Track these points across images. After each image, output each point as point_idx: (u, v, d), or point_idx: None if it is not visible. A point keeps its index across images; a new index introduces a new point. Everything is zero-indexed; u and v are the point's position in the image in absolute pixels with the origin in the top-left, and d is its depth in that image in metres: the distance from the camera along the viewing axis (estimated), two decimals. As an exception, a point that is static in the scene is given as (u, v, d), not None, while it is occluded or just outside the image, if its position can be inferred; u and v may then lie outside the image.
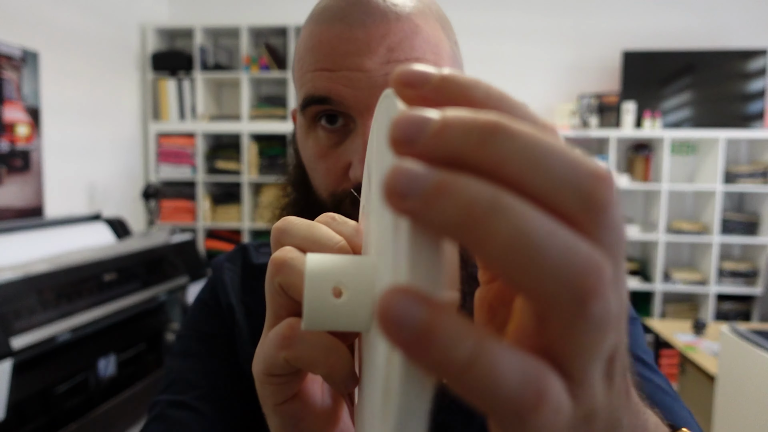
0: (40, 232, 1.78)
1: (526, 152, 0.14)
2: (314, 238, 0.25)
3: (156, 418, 0.47)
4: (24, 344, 1.35)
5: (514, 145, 0.14)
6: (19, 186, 2.14)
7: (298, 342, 0.23)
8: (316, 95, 0.43)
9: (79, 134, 2.51)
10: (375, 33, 0.41)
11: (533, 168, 0.14)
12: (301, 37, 0.46)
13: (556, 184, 0.14)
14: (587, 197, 0.14)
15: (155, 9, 3.20)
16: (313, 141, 0.46)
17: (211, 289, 0.57)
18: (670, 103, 3.03)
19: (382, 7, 0.42)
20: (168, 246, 2.12)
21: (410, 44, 0.42)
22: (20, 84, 2.14)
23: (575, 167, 0.14)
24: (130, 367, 1.90)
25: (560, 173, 0.14)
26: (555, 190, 0.14)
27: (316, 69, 0.43)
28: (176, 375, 0.51)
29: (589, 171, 0.14)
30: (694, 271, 3.09)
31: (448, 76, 0.16)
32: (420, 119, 0.14)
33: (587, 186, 0.14)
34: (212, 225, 3.14)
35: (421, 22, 0.43)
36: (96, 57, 2.63)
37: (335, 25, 0.42)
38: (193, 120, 3.08)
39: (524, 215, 0.13)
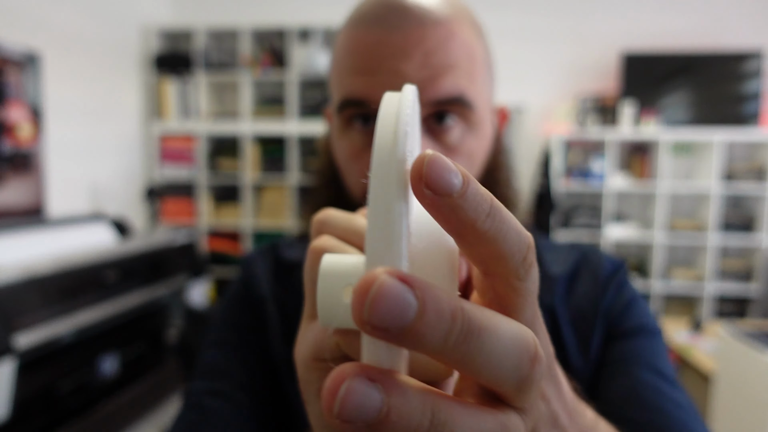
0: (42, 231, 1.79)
1: (488, 355, 0.15)
2: (354, 229, 0.26)
3: (192, 407, 0.48)
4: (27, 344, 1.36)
5: (480, 349, 0.15)
6: (22, 186, 2.16)
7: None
8: (352, 98, 0.44)
9: (81, 134, 2.53)
10: (412, 38, 0.42)
11: (489, 368, 0.16)
12: (338, 40, 0.47)
13: (503, 376, 0.16)
14: (522, 381, 0.17)
15: (157, 10, 3.22)
16: (347, 142, 0.47)
17: (243, 282, 0.58)
18: (667, 103, 3.04)
19: (418, 13, 0.43)
20: (169, 246, 2.13)
21: (445, 49, 0.43)
22: (23, 85, 2.15)
23: (520, 357, 0.16)
24: (131, 366, 1.91)
25: (509, 367, 0.16)
26: (501, 380, 0.16)
27: (354, 72, 0.44)
28: (211, 364, 0.51)
29: (530, 356, 0.17)
30: (692, 271, 3.10)
31: (467, 193, 0.16)
32: (401, 306, 0.14)
33: (525, 373, 0.17)
34: (213, 225, 3.16)
35: (457, 28, 0.44)
36: (98, 58, 2.64)
37: (373, 30, 0.43)
38: (194, 120, 3.10)
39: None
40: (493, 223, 0.16)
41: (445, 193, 0.15)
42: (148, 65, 3.08)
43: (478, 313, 0.15)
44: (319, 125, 2.98)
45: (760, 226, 2.97)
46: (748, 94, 2.97)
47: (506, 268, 0.18)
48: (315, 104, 3.06)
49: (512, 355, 0.16)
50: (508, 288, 0.19)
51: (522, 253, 0.18)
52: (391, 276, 0.14)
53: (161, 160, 3.11)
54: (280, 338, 0.52)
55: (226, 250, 3.17)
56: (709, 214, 2.98)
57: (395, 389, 0.15)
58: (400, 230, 0.16)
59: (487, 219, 0.16)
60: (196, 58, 3.07)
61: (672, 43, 3.10)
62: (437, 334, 0.14)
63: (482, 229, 0.16)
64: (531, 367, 0.17)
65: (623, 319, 0.51)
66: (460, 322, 0.15)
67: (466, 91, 0.44)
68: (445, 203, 0.16)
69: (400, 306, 0.14)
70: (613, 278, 0.54)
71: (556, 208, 3.00)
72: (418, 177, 0.15)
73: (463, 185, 0.16)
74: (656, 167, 3.02)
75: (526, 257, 0.18)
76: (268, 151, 3.11)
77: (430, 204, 0.16)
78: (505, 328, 0.16)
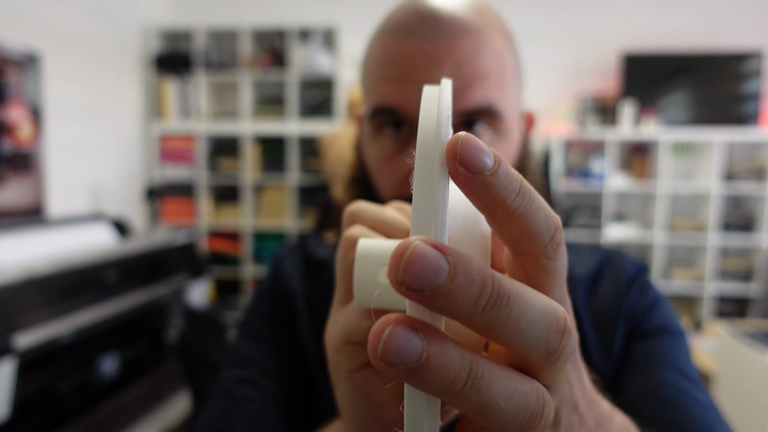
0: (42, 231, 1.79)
1: (517, 321, 0.16)
2: (384, 220, 0.28)
3: (221, 394, 0.49)
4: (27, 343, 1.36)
5: (509, 315, 0.16)
6: (22, 186, 2.16)
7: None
8: (385, 106, 0.45)
9: (81, 134, 2.53)
10: (443, 48, 0.43)
11: (519, 334, 0.16)
12: (371, 49, 0.48)
13: (532, 345, 0.17)
14: (551, 353, 0.17)
15: (157, 10, 3.22)
16: (378, 147, 0.48)
17: (273, 277, 0.59)
18: (667, 103, 3.05)
19: (450, 23, 0.43)
20: (169, 246, 2.13)
21: (476, 59, 0.44)
22: (23, 85, 2.15)
23: (549, 328, 0.17)
24: (131, 366, 1.92)
25: (538, 336, 0.17)
26: (530, 349, 0.17)
27: (386, 81, 0.45)
28: (241, 354, 0.53)
29: (559, 328, 0.17)
30: (692, 271, 3.11)
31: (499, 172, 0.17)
32: (434, 269, 0.15)
33: (554, 344, 0.17)
34: (213, 225, 3.16)
35: (488, 38, 0.45)
36: (98, 58, 2.64)
37: (406, 40, 0.44)
38: (194, 120, 3.10)
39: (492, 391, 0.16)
40: (522, 202, 0.17)
41: (477, 171, 0.16)
42: (148, 65, 3.08)
43: (508, 282, 0.16)
44: (319, 125, 2.98)
45: (760, 226, 2.97)
46: (748, 94, 2.97)
47: (535, 246, 0.18)
48: (315, 104, 3.07)
49: (541, 325, 0.17)
50: (537, 267, 0.19)
51: (550, 231, 0.18)
52: (425, 242, 0.15)
53: (161, 160, 3.11)
54: (309, 331, 0.53)
55: (226, 250, 3.17)
56: (709, 214, 2.98)
57: (435, 339, 0.15)
58: (443, 204, 0.17)
59: (517, 197, 0.17)
60: (196, 58, 3.07)
61: (672, 43, 3.10)
62: (468, 298, 0.15)
63: (512, 207, 0.17)
64: (560, 338, 0.17)
65: (646, 320, 0.51)
66: (490, 288, 0.15)
67: (495, 102, 0.45)
68: (478, 180, 0.16)
69: (433, 268, 0.15)
70: (636, 279, 0.54)
71: (556, 209, 2.99)
72: (452, 155, 0.16)
73: (495, 164, 0.17)
74: (656, 167, 3.02)
75: (554, 236, 0.19)
76: (268, 151, 3.12)
77: (463, 182, 0.17)
78: (534, 298, 0.17)
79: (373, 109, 0.46)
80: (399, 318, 0.15)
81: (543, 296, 0.17)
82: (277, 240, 3.13)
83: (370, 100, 0.48)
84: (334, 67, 3.00)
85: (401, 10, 0.46)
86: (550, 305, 0.17)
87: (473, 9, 0.45)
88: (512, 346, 0.17)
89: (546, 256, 0.19)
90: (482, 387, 0.16)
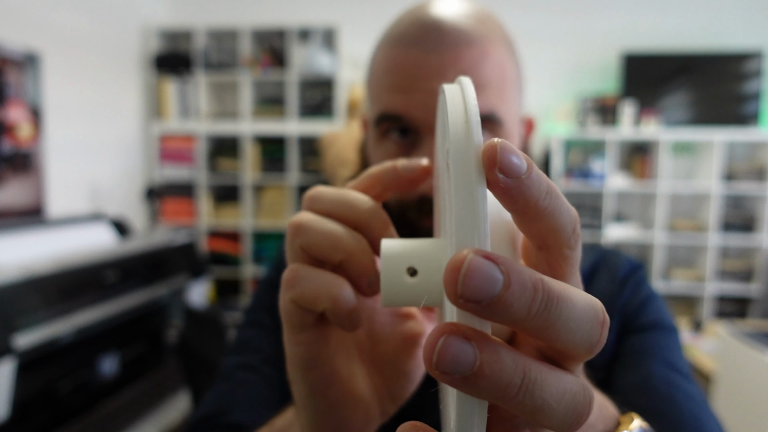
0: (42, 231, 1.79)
1: (566, 321, 0.17)
2: (344, 200, 0.28)
3: (223, 378, 0.52)
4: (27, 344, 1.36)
5: (558, 316, 0.16)
6: (22, 186, 2.16)
7: (299, 281, 0.25)
8: (390, 113, 0.47)
9: (81, 134, 2.53)
10: (447, 58, 0.45)
11: (566, 333, 0.17)
12: (376, 57, 0.50)
13: (578, 340, 0.17)
14: (594, 345, 0.18)
15: (157, 10, 3.22)
16: (383, 151, 0.50)
17: (277, 268, 0.62)
18: (667, 103, 3.04)
19: (454, 34, 0.45)
20: (169, 246, 2.13)
21: (478, 69, 0.45)
22: (23, 85, 2.15)
23: (593, 322, 0.18)
24: (132, 366, 1.91)
25: (584, 331, 0.17)
26: (576, 344, 0.17)
27: (391, 90, 0.47)
28: (243, 341, 0.55)
29: (599, 321, 0.18)
30: (692, 271, 3.10)
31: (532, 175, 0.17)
32: (490, 280, 0.15)
33: (596, 337, 0.18)
34: (213, 225, 3.16)
35: (490, 48, 0.46)
36: (98, 58, 2.64)
37: (411, 50, 0.46)
38: (194, 120, 3.10)
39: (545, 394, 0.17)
40: (551, 201, 0.18)
41: (515, 176, 0.17)
42: (148, 65, 3.08)
43: (555, 284, 0.17)
44: (319, 125, 2.98)
45: (760, 227, 2.97)
46: (748, 94, 2.97)
47: (560, 239, 0.20)
48: (315, 104, 3.06)
49: (587, 320, 0.17)
50: (560, 258, 0.20)
51: (572, 225, 0.20)
52: (478, 254, 0.15)
53: (161, 160, 3.11)
54: None
55: (226, 250, 3.17)
56: (709, 214, 2.98)
57: (488, 346, 0.16)
58: (484, 213, 0.17)
59: (546, 197, 0.18)
60: (196, 58, 3.07)
61: (672, 43, 3.10)
62: (522, 304, 0.16)
63: (542, 206, 0.18)
64: (600, 330, 0.18)
65: (639, 315, 0.52)
66: (542, 292, 0.16)
67: (496, 110, 0.47)
68: (515, 185, 0.17)
69: (489, 280, 0.15)
70: (630, 277, 0.55)
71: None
72: (492, 162, 0.17)
73: (528, 167, 0.17)
74: (656, 167, 3.01)
75: (575, 228, 0.20)
76: (268, 151, 3.11)
77: (502, 187, 0.17)
78: (578, 296, 0.17)
79: (379, 115, 0.48)
80: (451, 327, 0.16)
81: (582, 292, 0.18)
82: (277, 240, 3.13)
83: (376, 106, 0.49)
84: (334, 67, 3.00)
85: (405, 20, 0.48)
86: (591, 300, 0.18)
87: (475, 19, 0.47)
88: (560, 345, 0.17)
89: (569, 246, 0.20)
90: (536, 391, 0.16)
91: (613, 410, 0.32)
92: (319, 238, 0.26)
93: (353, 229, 0.27)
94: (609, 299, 0.53)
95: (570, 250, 0.20)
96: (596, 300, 0.18)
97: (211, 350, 1.64)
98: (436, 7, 0.47)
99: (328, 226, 0.26)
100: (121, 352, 1.85)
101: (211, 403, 0.51)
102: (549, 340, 0.17)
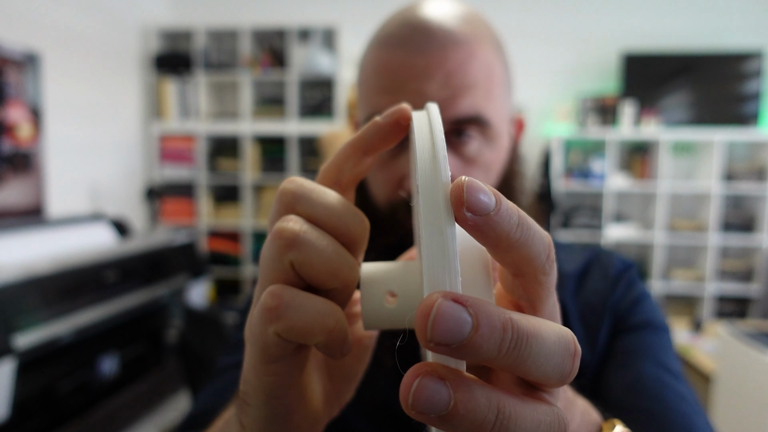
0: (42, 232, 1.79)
1: (537, 356, 0.17)
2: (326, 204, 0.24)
3: (216, 377, 0.53)
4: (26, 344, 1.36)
5: (529, 353, 0.17)
6: (21, 186, 2.16)
7: (287, 310, 0.21)
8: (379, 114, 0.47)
9: (81, 134, 2.53)
10: (433, 60, 0.45)
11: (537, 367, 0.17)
12: (366, 59, 0.50)
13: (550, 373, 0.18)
14: (566, 376, 0.18)
15: (157, 10, 3.22)
16: None
17: None
18: (668, 103, 3.04)
19: (441, 35, 0.45)
20: (169, 246, 2.13)
21: (465, 70, 0.45)
22: (23, 84, 2.15)
23: (564, 354, 0.18)
24: (131, 367, 1.91)
25: (555, 364, 0.18)
26: (548, 376, 0.18)
27: (380, 91, 0.47)
28: (237, 341, 0.55)
29: (571, 353, 0.18)
30: (692, 271, 3.10)
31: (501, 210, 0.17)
32: (459, 323, 0.16)
33: (568, 368, 0.18)
34: (213, 225, 3.16)
35: (477, 48, 0.46)
36: (98, 58, 2.64)
37: (398, 52, 0.46)
38: (194, 120, 3.10)
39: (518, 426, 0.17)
40: (522, 232, 0.18)
41: (483, 213, 0.17)
42: (148, 65, 3.08)
43: (524, 321, 0.17)
44: (319, 125, 2.98)
45: (760, 227, 2.97)
46: (749, 94, 2.97)
47: (534, 267, 0.19)
48: (315, 104, 3.06)
49: (557, 354, 0.17)
50: (536, 284, 0.20)
51: (546, 252, 0.19)
52: (447, 298, 0.16)
53: (161, 160, 3.11)
54: None
55: (226, 250, 3.17)
56: (709, 214, 2.98)
57: (462, 386, 0.16)
58: (454, 251, 0.17)
59: (518, 229, 0.18)
60: (196, 58, 3.07)
61: (672, 43, 3.10)
62: (492, 344, 0.16)
63: (514, 239, 0.18)
64: (572, 362, 0.18)
65: (631, 315, 0.52)
66: (511, 331, 0.16)
67: (483, 110, 0.47)
68: (484, 222, 0.17)
69: (458, 323, 0.15)
70: (623, 276, 0.55)
71: (557, 209, 3.00)
72: (459, 202, 0.17)
73: (496, 203, 0.17)
74: (656, 167, 3.01)
75: (549, 255, 0.20)
76: (268, 151, 3.11)
77: (471, 225, 0.17)
78: (549, 331, 0.17)
79: (368, 117, 0.48)
80: (425, 368, 0.16)
81: (554, 325, 0.18)
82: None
83: (365, 108, 0.50)
84: (334, 67, 3.00)
85: (394, 22, 0.48)
86: (561, 332, 0.18)
87: (462, 20, 0.47)
88: (532, 378, 0.18)
89: (543, 273, 0.20)
90: (510, 425, 0.16)
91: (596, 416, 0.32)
92: (317, 260, 0.22)
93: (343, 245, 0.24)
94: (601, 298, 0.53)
95: (545, 276, 0.20)
96: (567, 331, 0.18)
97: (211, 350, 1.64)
98: (424, 9, 0.47)
99: (328, 248, 0.22)
100: (120, 352, 1.85)
101: (203, 401, 0.51)
102: (521, 374, 0.17)
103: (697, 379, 2.10)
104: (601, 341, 0.51)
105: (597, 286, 0.54)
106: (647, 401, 0.43)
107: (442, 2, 0.49)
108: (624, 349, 0.49)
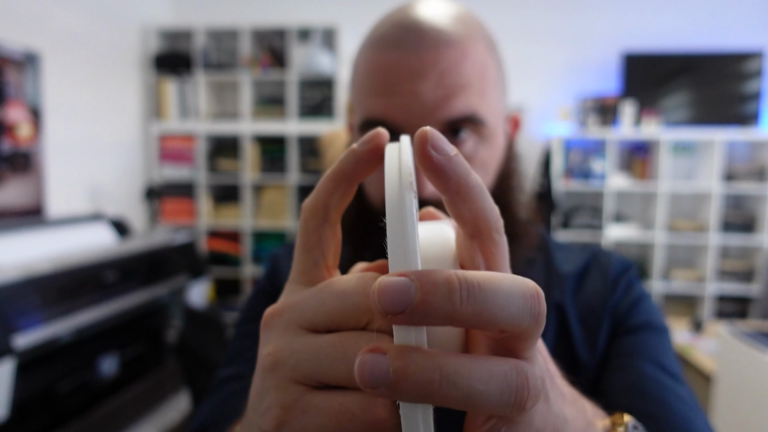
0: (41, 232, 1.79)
1: (495, 299, 0.17)
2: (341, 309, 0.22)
3: (215, 390, 0.53)
4: (26, 344, 1.36)
5: (485, 298, 0.17)
6: (21, 186, 2.16)
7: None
8: (373, 119, 0.47)
9: (80, 134, 2.53)
10: (426, 60, 0.45)
11: (500, 311, 0.17)
12: (358, 60, 0.50)
13: (518, 315, 0.18)
14: (536, 316, 0.18)
15: (157, 10, 3.22)
16: None
17: (268, 277, 0.61)
18: (668, 103, 3.04)
19: (433, 35, 0.45)
20: (169, 246, 2.13)
21: (458, 69, 0.45)
22: (22, 84, 2.15)
23: (525, 294, 0.18)
24: (131, 366, 1.91)
25: (519, 306, 0.18)
26: (517, 320, 0.18)
27: (373, 94, 0.47)
28: (235, 352, 0.55)
29: (533, 293, 0.18)
30: (692, 271, 3.10)
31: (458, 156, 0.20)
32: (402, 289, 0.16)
33: (536, 308, 0.18)
34: (213, 225, 3.16)
35: (470, 47, 0.46)
36: (98, 58, 2.64)
37: (391, 52, 0.46)
38: (194, 120, 3.10)
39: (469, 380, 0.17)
40: (476, 179, 0.21)
41: (445, 153, 0.19)
42: (148, 65, 3.07)
43: (473, 273, 0.17)
44: (319, 125, 2.98)
45: (760, 227, 2.97)
46: (749, 94, 2.97)
47: (489, 222, 0.21)
48: (315, 104, 3.06)
49: (517, 294, 0.18)
50: (491, 243, 0.22)
51: (497, 212, 0.22)
52: (390, 275, 0.17)
53: (161, 160, 3.10)
54: None
55: (226, 250, 3.17)
56: (709, 214, 2.97)
57: (401, 356, 0.17)
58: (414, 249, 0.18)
59: (471, 176, 0.20)
60: (196, 58, 3.07)
61: (672, 43, 3.10)
62: (443, 299, 0.16)
63: (471, 183, 0.20)
64: (538, 301, 0.18)
65: (630, 316, 0.52)
66: (458, 282, 0.17)
67: (477, 109, 0.47)
68: (446, 161, 0.19)
69: (402, 291, 0.16)
70: (622, 277, 0.55)
71: (557, 209, 3.00)
72: (424, 141, 0.19)
73: (454, 151, 0.20)
74: (657, 167, 3.01)
75: (499, 216, 0.22)
76: (267, 151, 3.11)
77: (435, 163, 0.19)
78: (501, 275, 0.18)
79: (362, 121, 0.48)
80: (370, 347, 0.17)
81: (508, 274, 0.19)
82: (277, 240, 3.13)
83: (359, 111, 0.49)
84: (334, 67, 3.00)
85: (386, 23, 0.48)
86: (516, 277, 0.18)
87: (455, 19, 0.47)
88: (502, 326, 0.18)
89: (497, 231, 0.22)
90: (458, 380, 0.17)
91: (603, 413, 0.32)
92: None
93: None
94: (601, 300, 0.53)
95: (498, 235, 0.22)
96: (524, 278, 0.19)
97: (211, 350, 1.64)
98: (416, 9, 0.47)
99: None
100: (120, 352, 1.85)
101: (204, 415, 0.50)
102: (490, 324, 0.17)
103: (698, 379, 2.10)
104: (601, 343, 0.51)
105: (596, 288, 0.54)
106: (647, 403, 0.43)
107: (434, 2, 0.48)
108: (624, 351, 0.49)
